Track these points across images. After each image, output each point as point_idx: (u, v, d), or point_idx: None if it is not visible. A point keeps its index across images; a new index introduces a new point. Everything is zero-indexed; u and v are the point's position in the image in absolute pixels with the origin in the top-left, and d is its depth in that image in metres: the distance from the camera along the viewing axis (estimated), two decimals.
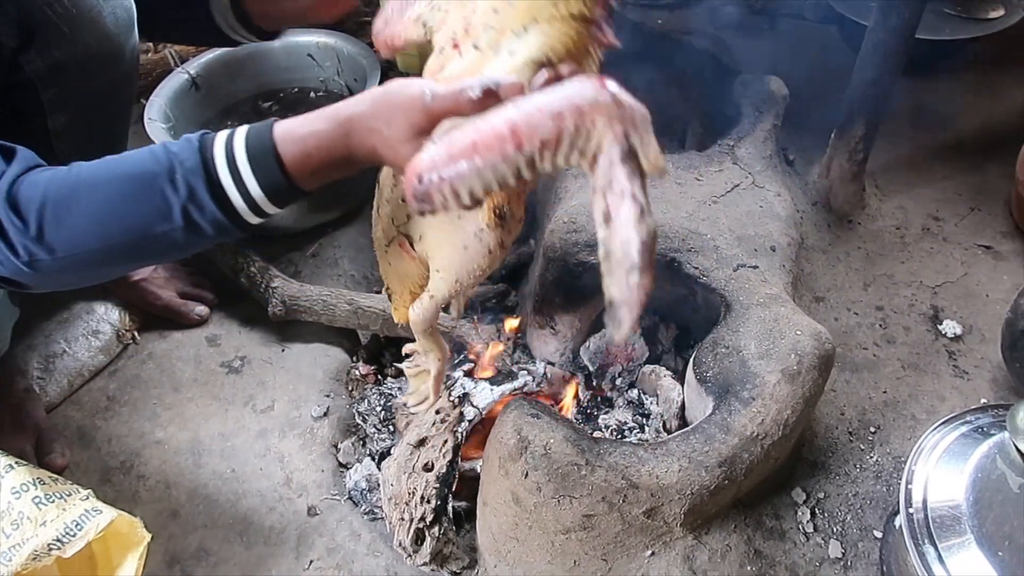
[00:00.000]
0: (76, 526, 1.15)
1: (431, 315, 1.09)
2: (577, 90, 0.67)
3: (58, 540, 1.12)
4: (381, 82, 1.92)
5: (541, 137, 0.65)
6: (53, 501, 1.18)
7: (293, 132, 0.83)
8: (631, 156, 0.66)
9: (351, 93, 2.07)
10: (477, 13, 0.87)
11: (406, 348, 1.30)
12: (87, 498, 1.20)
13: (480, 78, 0.73)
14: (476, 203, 0.69)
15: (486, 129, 0.67)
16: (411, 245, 1.05)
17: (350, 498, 1.44)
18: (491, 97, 0.72)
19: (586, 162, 0.67)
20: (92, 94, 1.27)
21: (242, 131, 0.86)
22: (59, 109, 1.24)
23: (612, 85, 0.68)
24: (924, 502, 1.10)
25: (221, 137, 0.86)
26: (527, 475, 1.12)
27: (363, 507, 1.42)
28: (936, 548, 1.05)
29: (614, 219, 0.65)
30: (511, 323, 1.60)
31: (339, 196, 1.93)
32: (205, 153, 0.84)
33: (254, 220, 0.88)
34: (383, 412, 1.54)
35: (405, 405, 1.37)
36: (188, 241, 0.89)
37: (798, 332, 1.26)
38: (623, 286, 0.64)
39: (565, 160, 0.67)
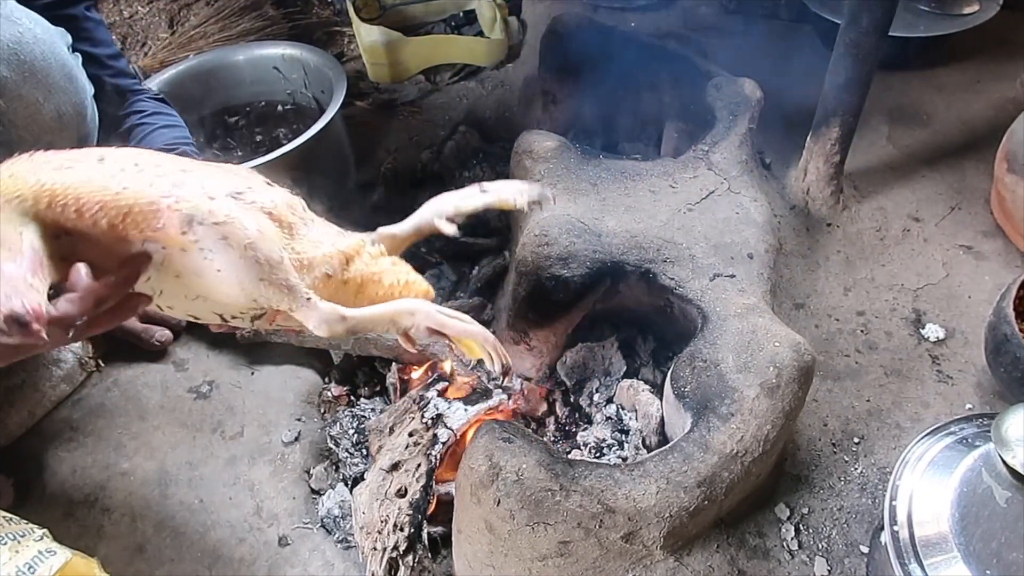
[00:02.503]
0: (29, 569, 1.10)
1: (324, 316, 0.90)
2: None
3: None
4: (349, 92, 1.89)
5: None
6: (6, 543, 1.13)
7: None
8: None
9: (319, 105, 2.04)
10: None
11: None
12: (41, 538, 1.15)
13: None
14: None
15: None
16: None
17: (323, 526, 1.39)
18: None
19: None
20: None
21: None
22: None
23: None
24: (909, 518, 1.06)
25: None
26: (499, 503, 1.08)
27: (336, 535, 1.38)
28: (922, 567, 1.02)
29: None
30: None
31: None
32: None
33: None
34: (356, 435, 1.49)
35: (495, 379, 1.26)
36: None
37: (776, 343, 1.22)
38: None
39: None
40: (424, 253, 1.92)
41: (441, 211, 1.09)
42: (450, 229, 1.09)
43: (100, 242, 0.77)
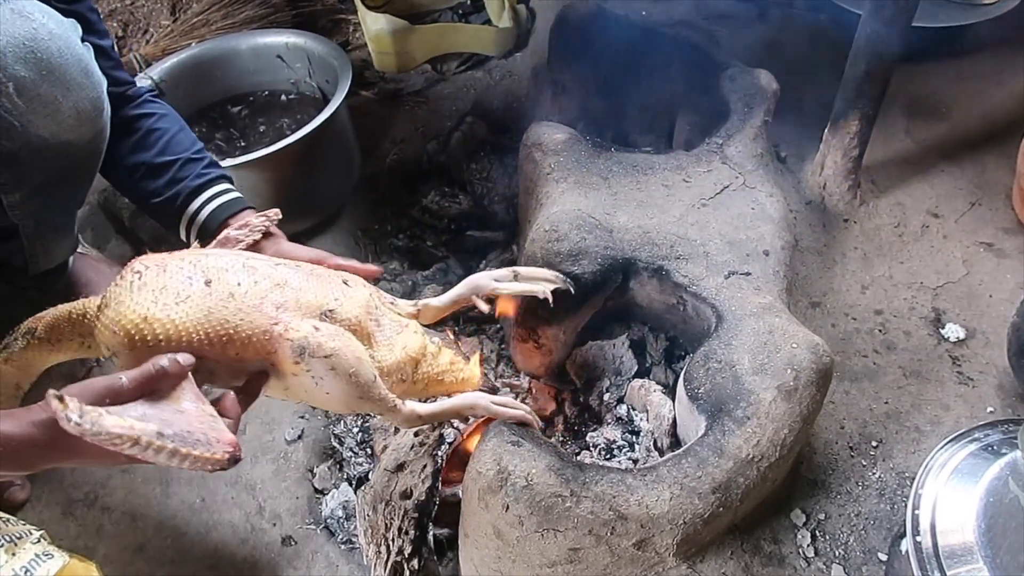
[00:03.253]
0: (26, 573, 1.07)
1: (405, 417, 1.08)
2: None
3: None
4: (354, 82, 1.85)
5: None
6: (2, 545, 1.10)
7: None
8: None
9: (324, 95, 2.00)
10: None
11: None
12: (38, 541, 1.13)
13: (166, 356, 0.85)
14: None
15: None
16: None
17: (326, 527, 1.37)
18: (177, 368, 0.85)
19: None
20: (50, 175, 1.22)
21: None
22: (13, 189, 1.19)
23: None
24: (932, 528, 1.03)
25: None
26: (508, 508, 1.05)
27: (340, 536, 1.35)
28: None
29: None
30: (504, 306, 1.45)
31: (312, 205, 1.85)
32: None
33: None
34: (360, 434, 1.46)
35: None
36: None
37: (794, 345, 1.19)
38: None
39: None
40: (431, 247, 1.88)
41: (478, 290, 1.21)
42: (485, 308, 1.23)
43: (222, 361, 0.93)
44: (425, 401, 1.13)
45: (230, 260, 0.98)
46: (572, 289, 1.26)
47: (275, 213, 1.21)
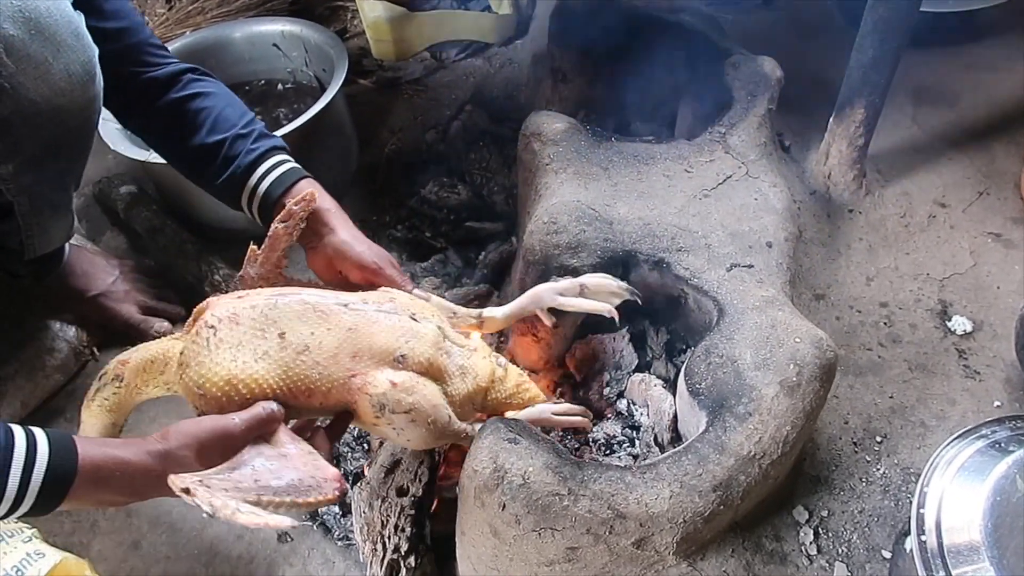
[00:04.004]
0: (17, 572, 1.07)
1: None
2: None
3: None
4: (350, 71, 1.82)
5: None
6: None
7: (95, 458, 0.85)
8: None
9: (320, 84, 1.97)
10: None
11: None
12: (30, 539, 1.12)
13: (267, 402, 0.94)
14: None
15: None
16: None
17: (322, 523, 1.35)
18: (280, 414, 0.94)
19: None
20: (43, 144, 1.19)
21: (43, 445, 0.84)
22: (6, 160, 1.16)
23: None
24: (937, 527, 1.01)
25: (20, 440, 0.84)
26: (504, 507, 1.03)
27: (337, 532, 1.34)
28: None
29: None
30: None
31: None
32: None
33: None
34: (356, 430, 1.44)
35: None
36: None
37: (797, 339, 1.16)
38: None
39: None
40: (429, 238, 1.86)
41: (541, 303, 1.23)
42: (549, 321, 1.25)
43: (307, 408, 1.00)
44: None
45: (299, 306, 1.01)
46: (640, 300, 1.27)
47: (310, 196, 1.16)
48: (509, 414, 1.18)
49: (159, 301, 1.64)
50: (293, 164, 1.26)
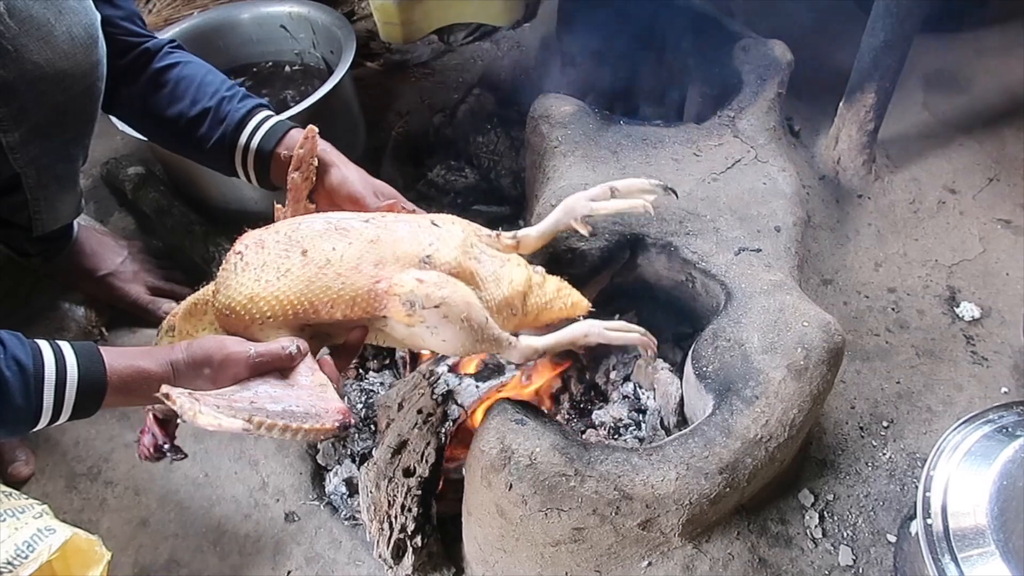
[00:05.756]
0: (28, 548, 1.07)
1: (522, 352, 1.09)
2: None
3: (9, 563, 1.05)
4: (358, 53, 1.81)
5: None
6: (5, 520, 1.10)
7: (122, 372, 0.90)
8: None
9: (328, 66, 1.96)
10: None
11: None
12: (40, 515, 1.13)
13: (292, 339, 0.94)
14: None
15: None
16: None
17: (330, 503, 1.36)
18: (301, 354, 0.93)
19: None
20: (48, 111, 1.19)
21: (72, 363, 0.89)
22: (12, 127, 1.16)
23: None
24: (943, 510, 1.01)
25: (49, 360, 0.89)
26: (511, 487, 1.04)
27: (344, 512, 1.35)
28: (956, 562, 0.96)
29: None
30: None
31: None
32: (32, 378, 0.88)
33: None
34: (364, 410, 1.45)
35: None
36: None
37: (805, 323, 1.16)
38: None
39: None
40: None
41: (575, 212, 1.18)
42: (585, 230, 1.19)
43: (332, 325, 0.99)
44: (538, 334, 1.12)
45: (322, 225, 1.01)
46: (676, 194, 1.24)
47: (311, 130, 1.18)
48: (558, 332, 1.10)
49: (167, 281, 1.64)
50: (279, 118, 1.28)
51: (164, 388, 0.83)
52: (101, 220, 1.80)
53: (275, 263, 0.97)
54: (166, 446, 1.01)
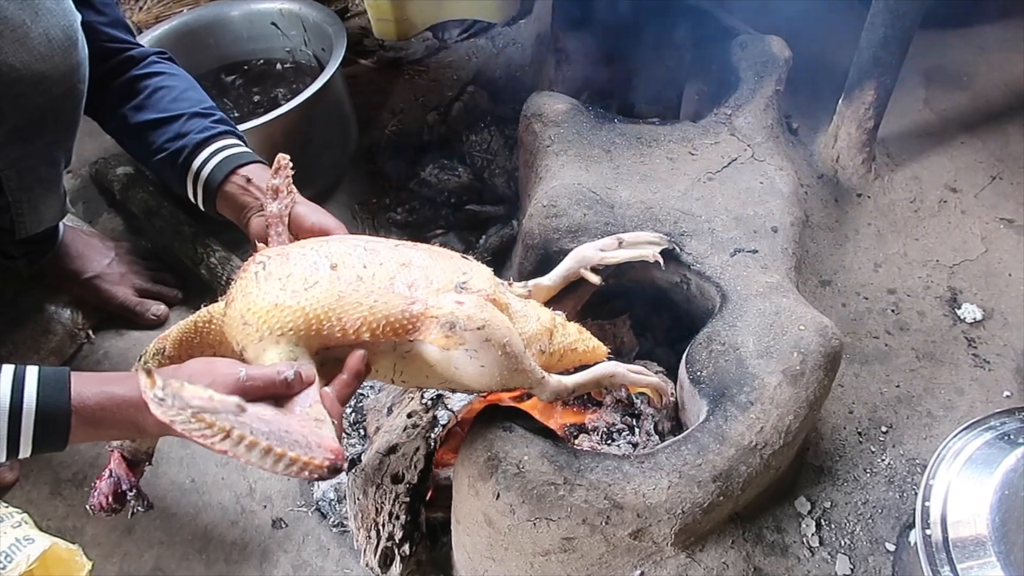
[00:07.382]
0: (6, 558, 1.06)
1: (553, 389, 1.07)
2: None
3: None
4: (351, 50, 1.78)
5: None
6: None
7: (91, 400, 0.83)
8: None
9: (320, 64, 1.94)
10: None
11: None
12: (19, 524, 1.11)
13: (291, 364, 0.84)
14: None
15: None
16: None
17: (318, 509, 1.34)
18: (301, 382, 0.84)
19: None
20: (27, 114, 1.16)
21: (31, 391, 0.83)
22: None
23: None
24: (943, 520, 0.98)
25: (4, 387, 0.82)
26: (499, 496, 1.01)
27: (332, 519, 1.33)
28: (956, 574, 0.94)
29: None
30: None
31: (307, 177, 1.79)
32: None
33: None
34: (353, 414, 1.43)
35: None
36: None
37: (801, 327, 1.13)
38: None
39: None
40: (429, 222, 1.83)
41: (586, 262, 1.21)
42: (595, 279, 1.21)
43: (349, 346, 0.91)
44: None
45: (350, 244, 0.98)
46: (678, 248, 1.27)
47: (283, 158, 1.14)
48: (585, 371, 1.11)
49: (155, 283, 1.62)
50: (249, 150, 1.24)
51: (143, 367, 0.75)
52: (90, 221, 1.78)
53: (302, 274, 0.91)
54: (131, 493, 0.94)
